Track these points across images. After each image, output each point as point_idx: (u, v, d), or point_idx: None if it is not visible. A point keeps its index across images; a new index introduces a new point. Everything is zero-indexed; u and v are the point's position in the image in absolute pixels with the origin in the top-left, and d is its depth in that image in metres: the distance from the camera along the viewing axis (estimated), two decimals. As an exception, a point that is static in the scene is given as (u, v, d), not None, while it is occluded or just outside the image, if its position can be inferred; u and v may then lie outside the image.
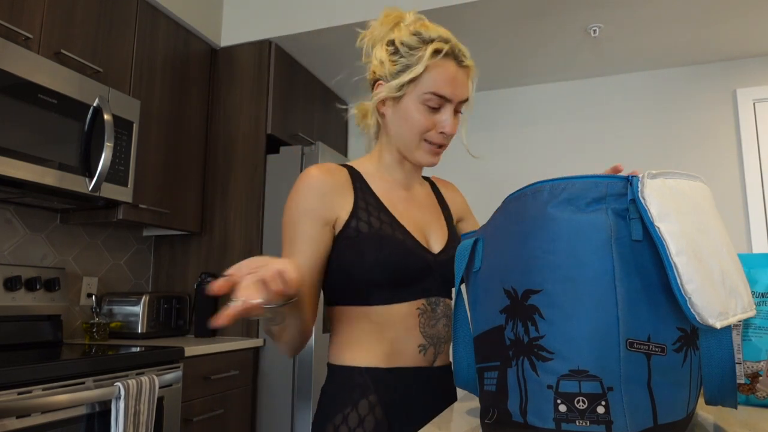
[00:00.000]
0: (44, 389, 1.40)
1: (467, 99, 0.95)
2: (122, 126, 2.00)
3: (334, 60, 2.82)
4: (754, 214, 2.64)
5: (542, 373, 0.53)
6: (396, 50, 0.93)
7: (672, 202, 0.53)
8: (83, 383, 1.51)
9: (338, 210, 0.92)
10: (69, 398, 1.45)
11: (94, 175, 1.86)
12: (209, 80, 2.66)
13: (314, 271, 0.90)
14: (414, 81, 0.91)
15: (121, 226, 2.43)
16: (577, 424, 0.50)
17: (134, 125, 2.05)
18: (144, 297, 2.24)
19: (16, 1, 1.74)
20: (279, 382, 2.33)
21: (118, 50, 2.12)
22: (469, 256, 0.68)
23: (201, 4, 2.57)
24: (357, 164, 1.02)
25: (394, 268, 0.90)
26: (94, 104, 1.89)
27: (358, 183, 0.96)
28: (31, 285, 1.94)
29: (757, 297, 0.77)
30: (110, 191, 1.93)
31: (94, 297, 2.20)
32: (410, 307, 0.92)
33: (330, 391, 0.92)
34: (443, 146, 0.96)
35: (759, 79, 2.75)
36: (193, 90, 2.54)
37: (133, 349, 1.77)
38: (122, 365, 1.64)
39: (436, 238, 1.00)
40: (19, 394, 1.34)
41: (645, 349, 0.51)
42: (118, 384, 1.56)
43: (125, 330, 2.23)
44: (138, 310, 2.23)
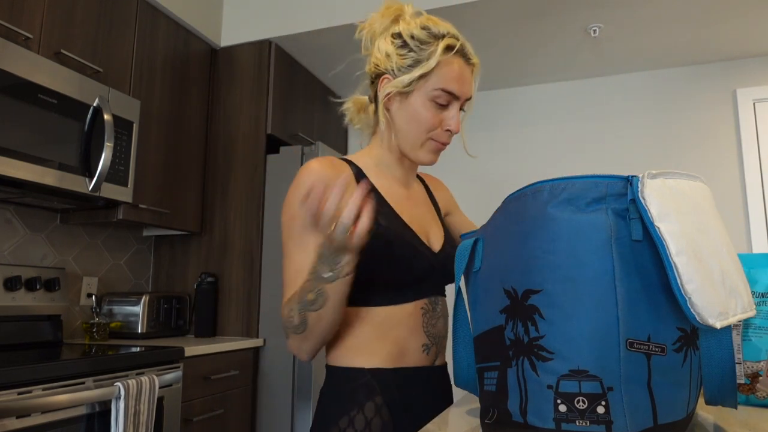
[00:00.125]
0: (44, 389, 1.40)
1: (471, 97, 0.94)
2: (122, 126, 1.99)
3: (334, 60, 2.82)
4: (754, 214, 2.64)
5: (542, 373, 0.53)
6: (404, 44, 0.90)
7: (672, 202, 0.53)
8: (83, 383, 1.51)
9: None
10: (69, 398, 1.45)
11: (94, 175, 1.86)
12: (209, 80, 2.66)
13: None
14: (424, 77, 0.89)
15: (121, 226, 2.43)
16: (577, 424, 0.50)
17: (134, 125, 2.05)
18: (144, 297, 2.24)
19: (16, 1, 1.74)
20: (279, 382, 2.33)
21: (118, 50, 2.12)
22: (469, 256, 0.68)
23: (201, 4, 2.57)
24: (356, 159, 0.99)
25: (404, 268, 0.88)
26: (94, 104, 1.89)
27: (361, 178, 0.93)
28: (31, 285, 1.94)
29: (757, 297, 0.77)
30: (110, 191, 1.93)
31: (94, 297, 2.20)
32: (414, 306, 0.91)
33: (331, 393, 0.90)
34: (446, 145, 0.95)
35: (759, 79, 2.75)
36: (193, 90, 2.54)
37: (133, 349, 1.77)
38: (122, 365, 1.64)
39: (435, 237, 0.99)
40: (19, 394, 1.34)
41: (645, 349, 0.51)
42: (118, 384, 1.56)
43: (125, 330, 2.23)
44: (138, 310, 2.23)
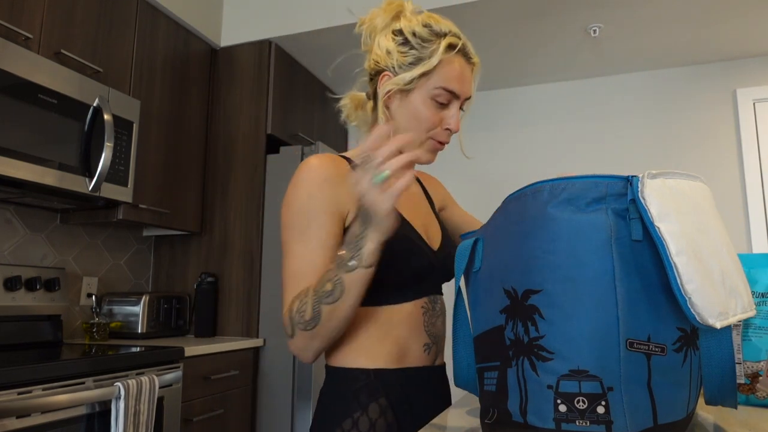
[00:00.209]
0: (44, 389, 1.40)
1: (470, 97, 0.94)
2: (122, 126, 1.99)
3: (334, 60, 2.82)
4: (754, 214, 2.64)
5: (542, 373, 0.53)
6: (406, 41, 0.89)
7: (672, 202, 0.53)
8: (83, 383, 1.51)
9: (346, 203, 0.86)
10: (69, 398, 1.45)
11: (94, 175, 1.86)
12: (209, 80, 2.66)
13: None
14: (426, 75, 0.88)
15: (121, 226, 2.43)
16: (577, 424, 0.50)
17: (134, 125, 2.05)
18: (144, 297, 2.24)
19: (16, 1, 1.74)
20: (279, 382, 2.33)
21: (118, 50, 2.12)
22: (469, 256, 0.68)
23: (201, 4, 2.57)
24: (353, 156, 0.96)
25: (405, 267, 0.87)
26: (94, 104, 1.89)
27: None
28: (31, 285, 1.94)
29: (757, 297, 0.77)
30: (110, 191, 1.93)
31: (94, 297, 2.20)
32: (415, 305, 0.90)
33: (332, 394, 0.88)
34: (444, 144, 0.94)
35: (759, 79, 2.75)
36: (193, 90, 2.54)
37: (133, 349, 1.77)
38: (122, 365, 1.64)
39: (434, 235, 0.98)
40: (19, 394, 1.34)
41: (645, 349, 0.51)
42: (118, 384, 1.56)
43: (125, 330, 2.23)
44: (138, 310, 2.23)
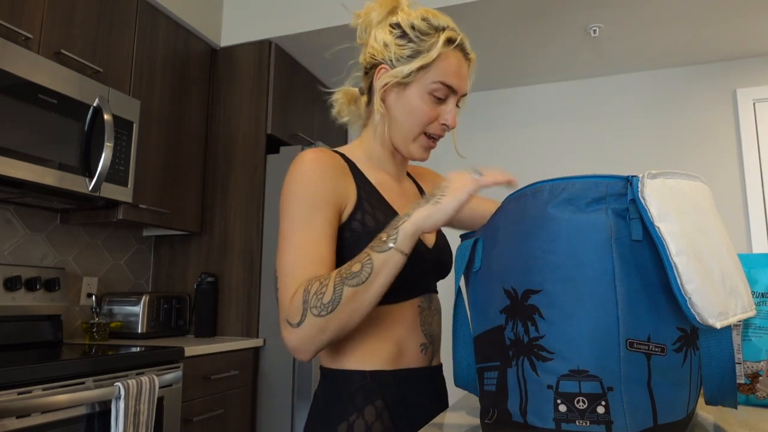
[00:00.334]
0: (44, 389, 1.40)
1: (466, 93, 0.93)
2: (122, 126, 1.99)
3: (334, 60, 2.82)
4: (754, 214, 2.64)
5: (542, 373, 0.53)
6: (404, 34, 0.89)
7: (672, 202, 0.53)
8: (83, 383, 1.51)
9: (345, 197, 0.85)
10: (69, 398, 1.44)
11: (94, 175, 1.86)
12: (209, 80, 2.66)
13: (334, 260, 0.82)
14: (424, 68, 0.88)
15: (121, 226, 2.43)
16: (577, 424, 0.50)
17: (134, 125, 2.05)
18: (144, 297, 2.24)
19: (16, 1, 1.74)
20: (279, 382, 2.32)
21: (118, 50, 2.12)
22: (469, 256, 0.68)
23: (201, 4, 2.57)
24: (347, 152, 0.95)
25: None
26: (94, 104, 1.89)
27: (355, 171, 0.90)
28: (31, 285, 1.94)
29: (757, 297, 0.77)
30: (110, 191, 1.93)
31: (94, 297, 2.20)
32: (411, 305, 0.89)
33: (327, 397, 0.86)
34: (438, 140, 0.93)
35: (759, 79, 2.75)
36: (193, 90, 2.54)
37: (133, 349, 1.77)
38: (122, 365, 1.64)
39: (428, 234, 0.98)
40: (19, 394, 1.34)
41: (645, 349, 0.51)
42: (118, 384, 1.56)
43: (125, 330, 2.23)
44: (138, 310, 2.23)
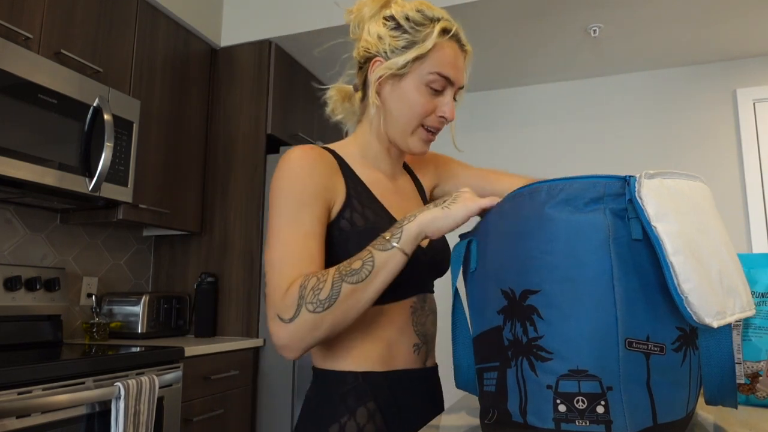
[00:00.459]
0: (44, 389, 1.40)
1: (463, 86, 0.91)
2: (122, 126, 1.99)
3: (334, 60, 2.82)
4: (754, 214, 2.64)
5: (541, 373, 0.53)
6: (398, 25, 0.87)
7: (670, 202, 0.53)
8: (83, 383, 1.51)
9: (333, 195, 0.84)
10: (69, 398, 1.44)
11: (94, 175, 1.86)
12: (209, 80, 2.66)
13: (323, 259, 0.81)
14: (420, 59, 0.86)
15: (121, 226, 2.43)
16: (577, 424, 0.50)
17: (134, 125, 2.05)
18: (144, 297, 2.24)
19: (16, 1, 1.74)
20: (279, 382, 2.32)
21: (118, 50, 2.12)
22: (465, 257, 0.68)
23: (201, 4, 2.57)
24: (339, 148, 0.93)
25: None
26: (94, 104, 1.89)
27: (346, 169, 0.88)
28: (31, 285, 1.94)
29: (757, 297, 0.77)
30: (110, 191, 1.93)
31: (94, 297, 2.20)
32: (403, 305, 0.87)
33: (318, 397, 0.84)
34: (436, 134, 0.91)
35: (759, 79, 2.75)
36: (193, 90, 2.54)
37: (133, 349, 1.77)
38: (122, 365, 1.64)
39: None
40: (19, 394, 1.34)
41: (644, 349, 0.51)
42: (118, 384, 1.56)
43: (125, 330, 2.23)
44: (138, 310, 2.23)
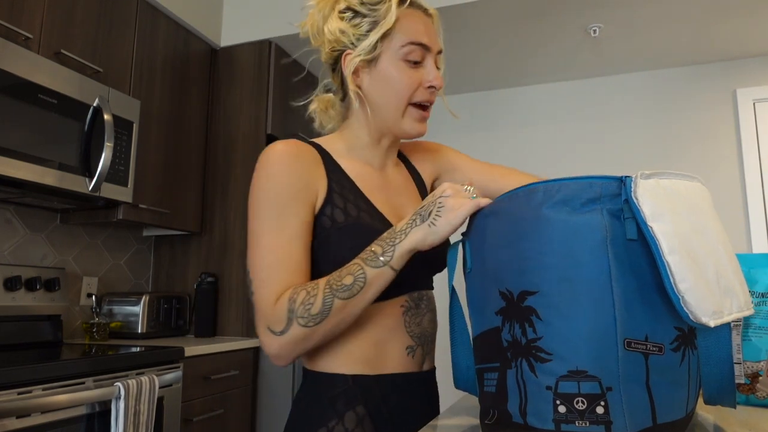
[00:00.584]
0: (44, 389, 1.40)
1: (441, 50, 0.88)
2: (122, 126, 1.99)
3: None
4: (754, 214, 2.64)
5: (541, 374, 0.53)
6: (355, 13, 0.85)
7: (667, 202, 0.53)
8: (83, 383, 1.51)
9: (315, 190, 0.80)
10: (69, 398, 1.45)
11: (94, 175, 1.86)
12: (209, 80, 2.66)
13: (309, 263, 0.79)
14: (387, 36, 0.83)
15: (121, 226, 2.43)
16: (577, 424, 0.50)
17: (134, 125, 2.05)
18: (144, 297, 2.24)
19: (16, 1, 1.74)
20: (279, 382, 2.33)
21: (118, 50, 2.12)
22: (463, 257, 0.68)
23: (201, 4, 2.57)
24: (324, 142, 0.89)
25: None
26: (94, 104, 1.89)
27: (329, 163, 0.85)
28: (31, 285, 1.94)
29: (757, 297, 0.76)
30: (110, 191, 1.93)
31: (94, 297, 2.20)
32: (393, 304, 0.83)
33: (307, 399, 0.82)
34: (429, 108, 0.87)
35: (759, 79, 2.75)
36: (193, 90, 2.54)
37: (133, 349, 1.77)
38: (122, 365, 1.64)
39: None
40: (19, 394, 1.34)
41: (643, 349, 0.51)
42: (118, 384, 1.56)
43: (125, 330, 2.23)
44: (138, 310, 2.23)
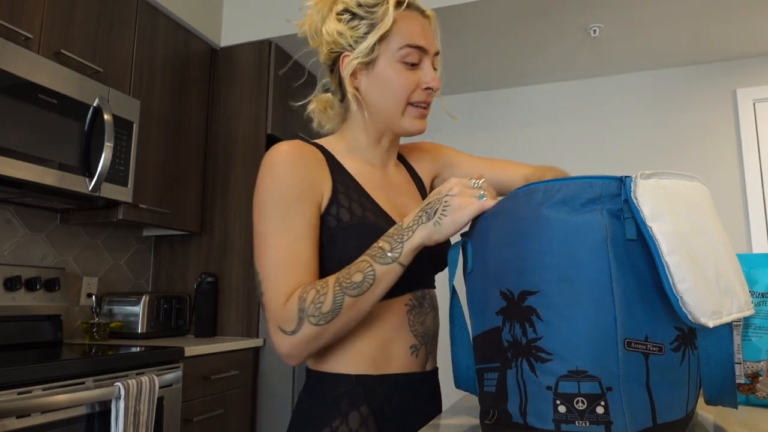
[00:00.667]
0: (44, 389, 1.40)
1: (439, 52, 0.89)
2: (122, 126, 1.99)
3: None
4: (754, 214, 2.64)
5: (541, 374, 0.53)
6: (353, 15, 0.85)
7: (666, 202, 0.53)
8: (83, 383, 1.51)
9: (320, 190, 0.81)
10: (69, 398, 1.44)
11: (94, 175, 1.86)
12: (209, 80, 2.66)
13: (317, 262, 0.80)
14: (385, 38, 0.84)
15: (121, 226, 2.43)
16: (577, 424, 0.50)
17: (134, 125, 2.05)
18: (144, 297, 2.24)
19: (16, 1, 1.74)
20: (279, 382, 2.33)
21: (118, 50, 2.12)
22: (463, 257, 0.68)
23: (201, 4, 2.57)
24: (325, 143, 0.90)
25: None
26: (94, 104, 1.89)
27: (333, 163, 0.85)
28: (31, 285, 1.94)
29: (757, 297, 0.76)
30: (110, 191, 1.93)
31: (94, 297, 2.20)
32: (397, 303, 0.83)
33: (311, 399, 0.82)
34: (428, 107, 0.88)
35: (759, 79, 2.75)
36: (193, 90, 2.54)
37: (133, 349, 1.77)
38: (122, 365, 1.64)
39: None
40: (19, 394, 1.34)
41: (643, 349, 0.51)
42: (118, 384, 1.56)
43: (125, 330, 2.23)
44: (138, 310, 2.23)
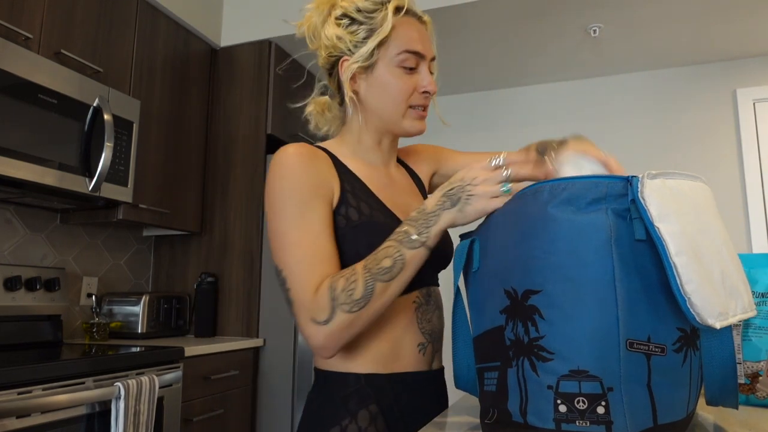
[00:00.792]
0: (44, 389, 1.40)
1: (435, 57, 0.90)
2: (122, 126, 1.99)
3: (334, 60, 2.82)
4: (754, 214, 2.64)
5: (542, 373, 0.53)
6: (352, 20, 0.87)
7: (672, 203, 0.53)
8: (83, 383, 1.51)
9: (330, 190, 0.83)
10: (69, 398, 1.44)
11: (94, 175, 1.86)
12: (209, 80, 2.66)
13: (338, 254, 0.81)
14: (384, 44, 0.86)
15: (121, 226, 2.43)
16: (577, 424, 0.50)
17: (134, 125, 2.05)
18: (144, 297, 2.24)
19: (16, 1, 1.73)
20: (279, 382, 2.32)
21: (118, 50, 2.12)
22: (467, 256, 0.68)
23: (201, 4, 2.57)
24: (328, 146, 0.92)
25: None
26: (94, 104, 1.89)
27: (338, 165, 0.88)
28: (31, 285, 1.93)
29: (757, 297, 0.76)
30: (110, 191, 1.93)
31: (94, 297, 2.20)
32: (406, 300, 0.84)
33: (320, 399, 0.83)
34: (426, 109, 0.90)
35: (759, 79, 2.75)
36: (193, 90, 2.54)
37: (133, 349, 1.77)
38: (122, 365, 1.64)
39: None
40: (19, 394, 1.34)
41: (645, 350, 0.51)
42: (118, 384, 1.56)
43: (125, 330, 2.23)
44: (138, 310, 2.23)
